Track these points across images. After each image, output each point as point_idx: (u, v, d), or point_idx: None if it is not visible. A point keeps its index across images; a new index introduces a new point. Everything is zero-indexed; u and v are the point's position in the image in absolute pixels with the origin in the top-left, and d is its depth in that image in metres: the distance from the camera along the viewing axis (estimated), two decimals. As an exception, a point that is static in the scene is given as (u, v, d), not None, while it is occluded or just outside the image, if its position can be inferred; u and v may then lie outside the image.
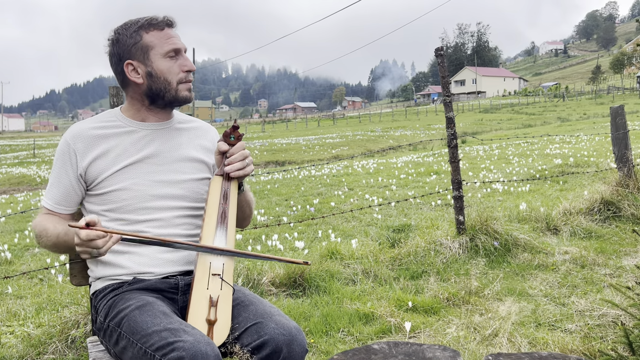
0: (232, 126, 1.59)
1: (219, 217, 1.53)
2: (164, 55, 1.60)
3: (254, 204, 1.83)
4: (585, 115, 36.70)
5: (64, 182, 1.61)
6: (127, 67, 1.60)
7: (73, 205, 1.64)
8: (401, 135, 28.42)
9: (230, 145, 1.59)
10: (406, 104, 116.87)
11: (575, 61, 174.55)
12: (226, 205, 1.55)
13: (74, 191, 1.62)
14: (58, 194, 1.62)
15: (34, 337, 2.81)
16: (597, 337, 2.55)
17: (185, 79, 1.63)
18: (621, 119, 5.39)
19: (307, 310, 3.15)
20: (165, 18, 1.63)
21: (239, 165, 1.57)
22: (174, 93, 1.62)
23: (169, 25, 1.63)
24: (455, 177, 4.24)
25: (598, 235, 4.47)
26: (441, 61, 4.20)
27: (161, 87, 1.60)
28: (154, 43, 1.59)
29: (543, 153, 11.77)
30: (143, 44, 1.59)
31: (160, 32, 1.60)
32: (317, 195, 8.08)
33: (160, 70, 1.59)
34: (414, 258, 3.98)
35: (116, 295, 1.53)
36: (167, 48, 1.60)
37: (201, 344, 1.27)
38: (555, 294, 3.23)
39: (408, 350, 1.43)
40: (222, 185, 1.57)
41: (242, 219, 1.77)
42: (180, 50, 1.63)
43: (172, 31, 1.63)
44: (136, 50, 1.59)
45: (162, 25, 1.61)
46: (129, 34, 1.59)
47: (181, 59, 1.63)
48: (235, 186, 1.60)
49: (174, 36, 1.62)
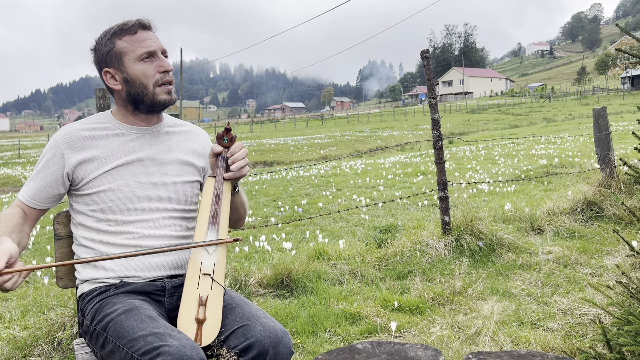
0: (225, 128, 1.60)
1: (210, 218, 1.54)
2: (137, 59, 1.58)
3: (248, 205, 1.85)
4: (570, 116, 37.11)
5: (44, 177, 1.60)
6: (105, 75, 1.62)
7: (46, 203, 1.63)
8: (389, 135, 28.53)
9: (225, 148, 1.60)
10: (394, 104, 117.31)
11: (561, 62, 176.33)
12: (218, 207, 1.56)
13: (52, 190, 1.61)
14: (34, 188, 1.61)
15: (19, 340, 2.80)
16: (577, 336, 2.61)
17: (162, 81, 1.61)
18: (603, 120, 5.48)
19: (294, 310, 3.18)
20: (138, 21, 1.61)
21: (241, 162, 1.58)
22: (151, 97, 1.61)
23: (143, 27, 1.61)
24: (440, 178, 4.28)
25: (581, 235, 4.55)
26: (427, 63, 4.24)
27: (138, 91, 1.60)
28: (126, 48, 1.59)
29: (528, 153, 11.90)
30: (116, 51, 1.59)
31: (133, 36, 1.59)
32: (305, 196, 8.10)
33: (135, 74, 1.59)
34: (400, 258, 4.02)
35: (103, 298, 1.54)
36: (139, 52, 1.58)
37: (186, 348, 1.29)
38: (538, 293, 3.29)
39: (391, 349, 1.46)
40: (215, 186, 1.58)
41: (236, 220, 1.78)
42: (155, 52, 1.60)
43: (147, 34, 1.61)
44: (110, 57, 1.60)
45: (134, 29, 1.60)
46: (104, 42, 1.61)
47: (157, 60, 1.61)
48: (229, 188, 1.61)
49: (147, 39, 1.60)
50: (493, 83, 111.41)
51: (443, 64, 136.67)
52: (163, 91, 1.61)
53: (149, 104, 1.62)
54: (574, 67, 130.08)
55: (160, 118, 1.73)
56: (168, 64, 1.62)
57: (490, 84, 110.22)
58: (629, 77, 76.05)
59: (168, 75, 1.62)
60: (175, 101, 1.68)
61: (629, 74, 75.76)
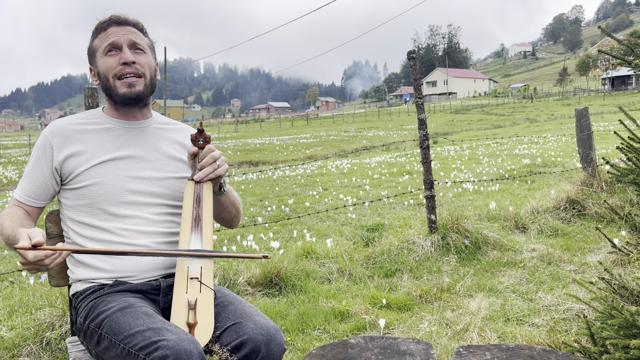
0: (198, 129, 1.59)
1: (192, 222, 1.53)
2: (103, 53, 1.61)
3: (241, 203, 1.84)
4: (552, 116, 37.61)
5: (37, 174, 1.61)
6: (91, 72, 1.68)
7: (43, 199, 1.64)
8: (374, 135, 28.64)
9: (200, 149, 1.60)
10: (379, 104, 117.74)
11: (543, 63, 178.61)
12: (200, 209, 1.55)
13: (46, 185, 1.62)
14: (29, 186, 1.62)
15: (7, 340, 2.77)
16: (562, 330, 2.67)
17: (120, 73, 1.59)
18: (585, 120, 5.58)
19: (283, 309, 3.20)
20: (110, 18, 1.62)
21: (208, 170, 1.58)
22: (114, 90, 1.61)
23: (117, 24, 1.61)
24: (427, 177, 4.33)
25: (564, 233, 4.63)
26: (413, 64, 4.29)
27: (105, 84, 1.63)
28: (97, 45, 1.63)
29: (512, 153, 12.05)
30: (92, 48, 1.65)
31: (104, 32, 1.61)
32: (291, 196, 8.11)
33: (101, 69, 1.62)
34: (388, 256, 4.06)
35: (97, 297, 1.54)
36: (103, 45, 1.61)
37: (185, 342, 1.30)
38: (523, 290, 3.35)
39: (383, 344, 1.49)
40: (195, 189, 1.57)
41: (229, 219, 1.78)
42: (118, 45, 1.59)
43: (118, 28, 1.61)
44: (90, 55, 1.67)
45: (106, 26, 1.62)
46: (89, 42, 1.67)
47: (121, 53, 1.59)
48: (209, 189, 1.60)
49: (114, 33, 1.59)
50: (476, 84, 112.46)
51: (427, 65, 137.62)
52: (122, 84, 1.60)
53: (115, 98, 1.64)
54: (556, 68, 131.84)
55: (145, 114, 1.73)
56: (128, 56, 1.58)
57: (474, 84, 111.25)
58: (609, 78, 77.30)
59: (128, 67, 1.59)
60: (140, 95, 1.62)
61: (609, 75, 77.01)
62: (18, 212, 1.59)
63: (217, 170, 1.59)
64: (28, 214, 1.62)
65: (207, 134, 1.62)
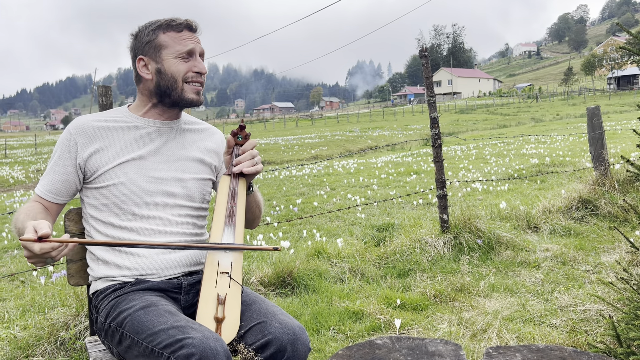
0: (239, 126, 1.60)
1: (226, 216, 1.53)
2: (176, 55, 1.61)
3: (264, 205, 1.83)
4: (558, 116, 37.48)
5: (60, 170, 1.59)
6: (139, 62, 1.64)
7: (64, 196, 1.62)
8: (379, 135, 28.61)
9: (238, 145, 1.61)
10: (383, 104, 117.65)
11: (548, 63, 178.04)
12: (234, 204, 1.55)
13: (69, 181, 1.60)
14: (51, 181, 1.60)
15: (21, 340, 2.76)
16: (581, 331, 2.63)
17: (192, 79, 1.63)
18: (597, 119, 5.54)
19: (296, 309, 3.17)
20: (186, 21, 1.64)
21: (247, 163, 1.57)
22: (179, 92, 1.62)
23: (189, 28, 1.64)
24: (439, 176, 4.30)
25: (577, 232, 4.59)
26: (425, 62, 4.26)
27: (168, 84, 1.61)
28: (167, 43, 1.61)
29: (519, 153, 12.00)
30: (157, 43, 1.61)
31: (178, 33, 1.62)
32: (299, 195, 8.09)
33: (169, 68, 1.61)
34: (400, 256, 4.03)
35: (118, 295, 1.52)
36: (179, 48, 1.61)
37: (210, 340, 1.28)
38: (539, 290, 3.32)
39: (411, 344, 1.46)
40: (230, 184, 1.57)
41: (251, 220, 1.77)
42: (194, 53, 1.63)
43: (191, 34, 1.64)
44: (149, 47, 1.62)
45: (180, 27, 1.62)
46: (147, 32, 1.63)
47: (193, 60, 1.63)
48: (244, 185, 1.60)
49: (189, 38, 1.63)
50: (481, 83, 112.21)
51: (431, 65, 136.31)
52: (192, 89, 1.63)
53: (175, 99, 1.63)
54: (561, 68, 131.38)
55: (179, 115, 1.73)
56: (203, 66, 1.65)
57: (479, 84, 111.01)
58: (614, 77, 77.01)
59: (200, 76, 1.65)
60: (202, 103, 1.69)
61: (615, 75, 76.73)
62: (35, 207, 1.56)
63: (255, 167, 1.58)
64: (46, 210, 1.59)
65: (248, 131, 1.62)
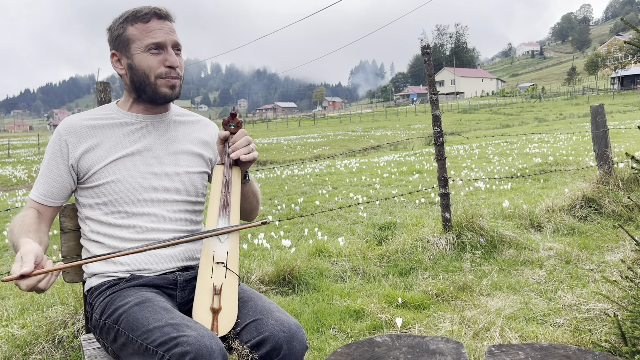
0: (230, 114, 1.57)
1: (220, 205, 1.50)
2: (144, 49, 1.53)
3: (260, 195, 1.79)
4: (561, 116, 37.35)
5: (52, 173, 1.56)
6: (112, 57, 1.60)
7: (60, 199, 1.59)
8: (382, 135, 28.56)
9: (232, 134, 1.57)
10: (386, 104, 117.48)
11: (551, 62, 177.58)
12: (228, 194, 1.52)
13: (63, 183, 1.57)
14: (45, 185, 1.56)
15: (19, 338, 2.74)
16: (585, 330, 2.59)
17: (165, 75, 1.55)
18: (601, 117, 5.49)
19: (297, 307, 3.14)
20: (153, 9, 1.54)
21: (244, 150, 1.53)
22: (153, 88, 1.56)
23: (158, 17, 1.54)
24: (441, 174, 4.27)
25: (580, 231, 4.55)
26: (427, 59, 4.22)
27: (140, 80, 1.56)
28: (135, 36, 1.54)
29: (522, 152, 11.94)
30: (125, 36, 1.55)
31: (145, 24, 1.53)
32: (301, 194, 8.07)
33: (139, 64, 1.54)
34: (402, 255, 4.00)
35: (113, 292, 1.49)
36: (147, 42, 1.53)
37: (205, 338, 1.25)
38: (542, 289, 3.28)
39: (411, 342, 1.43)
40: (224, 173, 1.54)
41: (249, 210, 1.73)
42: (164, 45, 1.54)
43: (161, 23, 1.55)
44: (119, 42, 1.56)
45: (147, 17, 1.53)
46: (116, 26, 1.57)
47: (164, 54, 1.55)
48: (238, 174, 1.57)
49: (158, 29, 1.53)
50: (484, 83, 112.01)
51: (434, 64, 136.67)
52: (165, 84, 1.56)
53: (150, 95, 1.58)
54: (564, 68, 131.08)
55: (166, 108, 1.68)
56: (174, 60, 1.55)
57: (482, 84, 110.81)
58: (618, 77, 76.75)
59: (173, 71, 1.56)
60: (178, 96, 1.61)
61: (618, 75, 76.48)
62: (29, 216, 1.52)
63: (251, 153, 1.53)
64: (40, 216, 1.55)
65: (240, 119, 1.58)
